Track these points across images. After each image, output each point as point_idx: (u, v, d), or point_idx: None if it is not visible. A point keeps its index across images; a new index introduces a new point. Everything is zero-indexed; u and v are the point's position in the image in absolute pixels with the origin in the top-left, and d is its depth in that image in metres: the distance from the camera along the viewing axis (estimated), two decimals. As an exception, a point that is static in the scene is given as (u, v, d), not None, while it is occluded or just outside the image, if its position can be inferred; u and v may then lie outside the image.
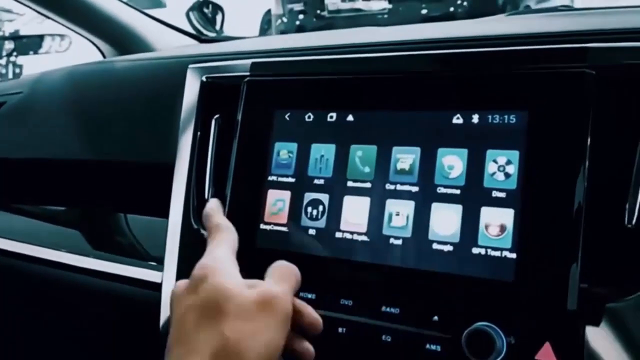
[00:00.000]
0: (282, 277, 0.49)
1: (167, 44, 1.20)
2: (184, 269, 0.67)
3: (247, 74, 0.67)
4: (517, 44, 0.55)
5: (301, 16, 3.67)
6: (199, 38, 1.27)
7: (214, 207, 0.57)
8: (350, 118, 0.59)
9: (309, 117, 0.61)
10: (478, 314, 0.50)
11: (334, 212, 0.57)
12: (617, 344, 0.46)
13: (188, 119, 0.73)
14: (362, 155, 0.57)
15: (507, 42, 0.56)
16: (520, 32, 0.58)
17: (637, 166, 0.47)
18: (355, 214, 0.56)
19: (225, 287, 0.45)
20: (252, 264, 0.60)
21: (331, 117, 0.59)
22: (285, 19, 3.76)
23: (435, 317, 0.52)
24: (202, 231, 0.67)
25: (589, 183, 0.48)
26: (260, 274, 0.60)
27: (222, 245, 0.51)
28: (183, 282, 0.48)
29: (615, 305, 0.47)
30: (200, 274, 0.47)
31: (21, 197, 1.04)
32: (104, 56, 1.20)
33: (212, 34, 1.40)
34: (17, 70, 4.68)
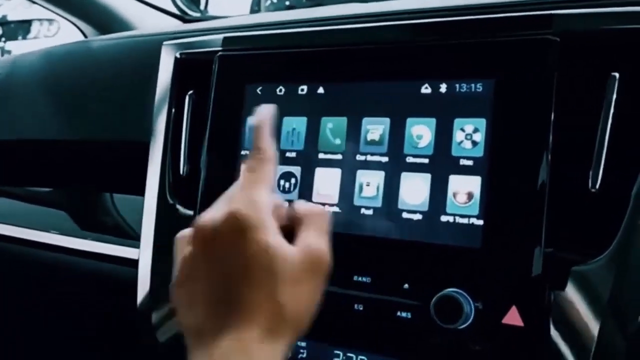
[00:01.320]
0: (320, 227, 0.42)
1: (150, 24, 1.19)
2: (160, 245, 0.68)
3: (220, 48, 0.66)
4: (483, 12, 0.55)
5: (290, -4, 3.64)
6: (183, 18, 1.26)
7: (265, 121, 0.45)
8: (320, 90, 0.59)
9: (280, 90, 0.61)
10: (447, 281, 0.50)
11: (306, 184, 0.57)
12: (581, 307, 0.47)
13: (163, 96, 0.73)
14: (332, 127, 0.57)
15: (473, 11, 0.56)
16: (486, 1, 0.58)
17: (600, 131, 0.48)
18: (326, 186, 0.57)
19: (271, 245, 0.38)
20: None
21: (302, 90, 0.59)
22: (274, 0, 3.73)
23: (406, 285, 0.53)
24: (178, 206, 0.68)
25: (554, 150, 0.48)
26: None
27: (263, 186, 0.41)
28: (207, 228, 0.39)
29: (579, 268, 0.47)
30: (239, 225, 0.38)
31: (3, 179, 1.04)
32: (85, 37, 1.19)
33: (196, 14, 1.39)
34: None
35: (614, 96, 0.47)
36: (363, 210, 0.55)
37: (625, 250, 0.46)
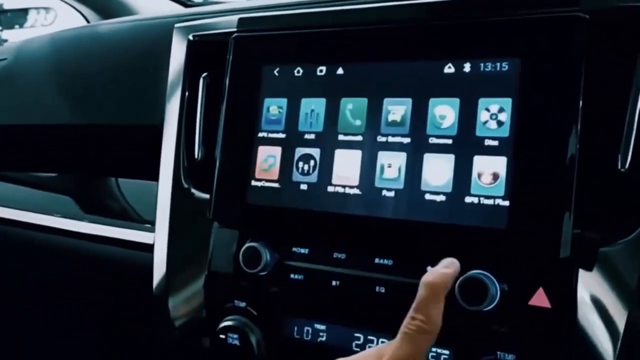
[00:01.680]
0: None
1: (152, 9, 1.18)
2: (176, 230, 0.67)
3: (235, 30, 0.65)
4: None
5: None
6: (185, 3, 1.25)
7: (446, 280, 0.43)
8: (340, 71, 0.58)
9: (298, 71, 0.60)
10: (472, 263, 0.50)
11: (326, 167, 0.57)
12: (608, 288, 0.46)
13: (176, 79, 0.72)
14: (352, 108, 0.56)
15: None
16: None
17: (630, 110, 0.47)
18: (346, 168, 0.56)
19: None
20: (243, 220, 0.61)
21: (321, 70, 0.59)
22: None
23: (429, 267, 0.52)
24: (193, 190, 0.67)
25: (582, 129, 0.47)
26: (251, 230, 0.60)
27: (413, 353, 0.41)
28: None
29: (607, 249, 0.47)
30: None
31: (10, 164, 1.03)
32: (87, 22, 1.18)
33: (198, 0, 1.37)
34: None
35: (644, 74, 0.47)
36: (384, 192, 0.54)
37: (654, 231, 0.45)
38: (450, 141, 0.52)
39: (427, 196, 0.52)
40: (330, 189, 0.56)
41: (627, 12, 0.48)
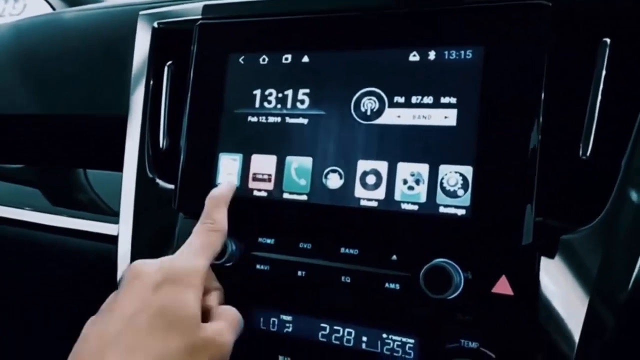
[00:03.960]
0: (231, 322, 0.49)
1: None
2: (140, 221, 0.66)
3: (199, 17, 0.64)
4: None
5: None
6: (154, -8, 1.22)
7: (224, 194, 0.55)
8: (305, 59, 0.57)
9: (264, 59, 0.59)
10: (436, 251, 0.50)
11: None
12: (570, 275, 0.47)
13: (140, 68, 0.71)
14: (311, 92, 0.56)
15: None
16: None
17: (591, 98, 0.47)
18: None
19: (188, 312, 0.45)
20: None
21: (286, 59, 0.58)
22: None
23: (394, 257, 0.52)
24: (158, 181, 0.66)
25: (545, 117, 0.47)
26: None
27: (207, 254, 0.51)
28: (149, 267, 0.48)
29: (569, 237, 0.47)
30: (171, 278, 0.46)
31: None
32: (53, 9, 1.15)
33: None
34: (-31, 35, 4.48)
35: (605, 62, 0.47)
36: (350, 182, 0.53)
37: (614, 219, 0.46)
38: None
39: (392, 185, 0.52)
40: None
41: (590, 1, 0.49)
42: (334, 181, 0.54)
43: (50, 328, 0.87)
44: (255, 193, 0.57)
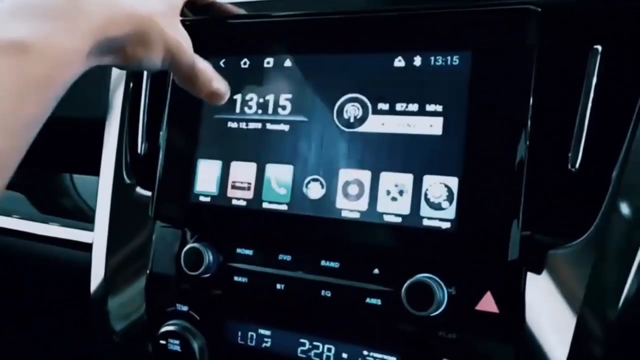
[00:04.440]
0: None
1: None
2: (116, 228, 0.64)
3: (180, 19, 0.62)
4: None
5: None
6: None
7: None
8: (287, 63, 0.55)
9: (245, 63, 0.57)
10: (419, 265, 0.48)
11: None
12: (558, 292, 0.45)
13: (120, 71, 0.69)
14: (294, 98, 0.54)
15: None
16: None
17: (581, 108, 0.45)
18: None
19: None
20: (186, 219, 0.58)
21: (268, 62, 0.56)
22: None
23: (376, 270, 0.50)
24: (135, 187, 0.63)
25: (534, 127, 0.45)
26: (194, 230, 0.57)
27: None
28: None
29: (556, 252, 0.45)
30: None
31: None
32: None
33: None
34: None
35: (596, 70, 0.45)
36: (331, 191, 0.51)
37: (604, 234, 0.44)
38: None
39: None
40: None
41: (580, 6, 0.47)
42: (315, 191, 0.51)
43: (25, 335, 0.85)
44: (234, 202, 0.54)
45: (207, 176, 0.56)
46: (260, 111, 0.55)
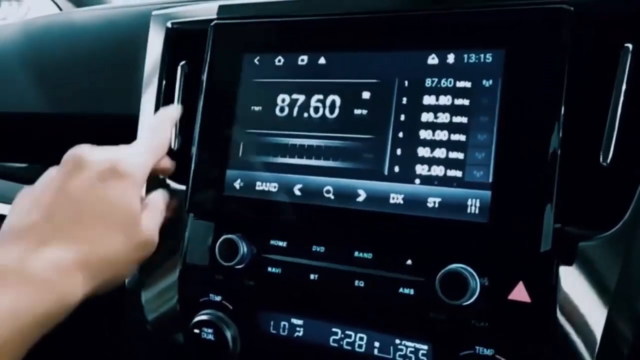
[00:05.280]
0: (156, 215, 0.56)
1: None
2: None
3: (215, 17, 0.64)
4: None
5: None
6: (158, -6, 1.22)
7: (171, 113, 0.61)
8: (322, 61, 0.56)
9: (279, 60, 0.58)
10: (452, 256, 0.49)
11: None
12: (589, 283, 0.46)
13: (153, 68, 0.70)
14: (329, 102, 0.55)
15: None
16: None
17: (613, 104, 0.47)
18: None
19: (132, 209, 0.51)
20: (220, 212, 0.59)
21: (302, 60, 0.57)
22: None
23: (409, 261, 0.51)
24: (168, 181, 0.65)
25: (566, 122, 0.47)
26: (229, 222, 0.59)
27: (153, 156, 0.56)
28: (96, 156, 0.52)
29: (587, 244, 0.46)
30: (119, 171, 0.51)
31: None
32: (60, 10, 1.15)
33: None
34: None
35: (627, 68, 0.46)
36: (365, 185, 0.53)
37: (635, 227, 0.45)
38: (431, 133, 0.51)
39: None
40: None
41: (611, 5, 0.48)
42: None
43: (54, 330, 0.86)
44: (266, 197, 0.56)
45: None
46: (294, 113, 0.56)
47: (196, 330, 0.58)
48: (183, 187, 0.63)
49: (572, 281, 0.46)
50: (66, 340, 0.86)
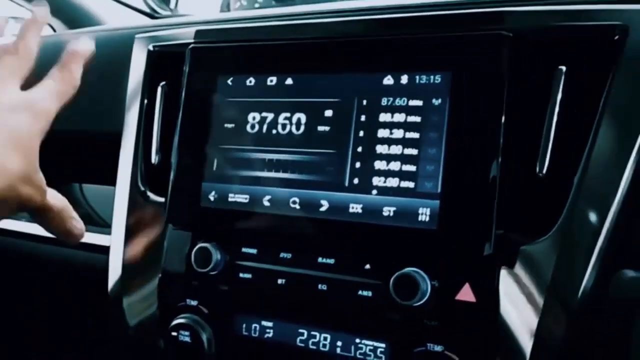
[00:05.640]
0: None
1: (119, 21, 1.20)
2: (132, 232, 0.69)
3: (192, 41, 0.68)
4: (441, 9, 0.58)
5: (261, -1, 3.65)
6: (152, 16, 1.27)
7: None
8: (289, 82, 0.61)
9: (250, 81, 0.63)
10: (405, 261, 0.53)
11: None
12: (528, 283, 0.50)
13: (135, 87, 0.75)
14: (296, 118, 0.60)
15: (433, 8, 0.59)
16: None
17: (547, 121, 0.51)
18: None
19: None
20: (196, 222, 0.63)
21: (271, 81, 0.62)
22: (244, 2, 3.74)
23: (367, 266, 0.55)
24: (149, 194, 0.69)
25: (506, 137, 0.51)
26: (204, 231, 0.63)
27: (61, 99, 0.52)
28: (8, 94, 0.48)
29: (527, 248, 0.51)
30: (28, 106, 0.47)
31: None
32: (54, 31, 1.19)
33: (166, 13, 1.40)
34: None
35: (561, 88, 0.51)
36: (328, 196, 0.57)
37: (567, 231, 0.50)
38: (387, 148, 0.55)
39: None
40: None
41: (548, 31, 0.53)
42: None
43: (38, 337, 0.90)
44: (239, 207, 0.60)
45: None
46: (263, 129, 0.61)
47: (174, 333, 0.62)
48: (162, 199, 0.67)
49: (513, 282, 0.51)
50: (52, 344, 0.90)
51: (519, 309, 0.50)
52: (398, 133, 0.55)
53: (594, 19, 0.52)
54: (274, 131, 0.60)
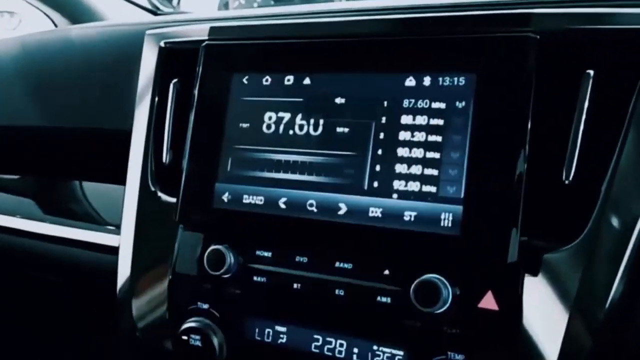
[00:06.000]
0: None
1: (121, 16, 1.19)
2: (141, 232, 0.68)
3: (206, 38, 0.67)
4: (467, 9, 0.57)
5: (260, -1, 3.64)
6: (155, 13, 1.26)
7: None
8: (307, 81, 0.60)
9: (267, 80, 0.62)
10: (426, 267, 0.52)
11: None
12: (552, 292, 0.49)
13: (146, 85, 0.74)
14: (313, 121, 0.59)
15: (458, 8, 0.58)
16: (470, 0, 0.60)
17: (574, 126, 0.50)
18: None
19: None
20: (209, 223, 0.62)
21: (288, 80, 0.61)
22: (243, 1, 3.72)
23: (386, 271, 0.54)
24: (160, 194, 0.68)
25: (532, 142, 0.50)
26: (217, 233, 0.62)
27: None
28: None
29: (551, 256, 0.50)
30: None
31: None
32: (55, 26, 1.18)
33: (168, 10, 1.38)
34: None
35: (588, 92, 0.50)
36: (346, 199, 0.56)
37: (594, 240, 0.49)
38: (408, 151, 0.54)
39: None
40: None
41: (574, 34, 0.52)
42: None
43: (45, 337, 0.88)
44: (255, 209, 0.59)
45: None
46: (280, 130, 0.60)
47: (184, 337, 0.61)
48: (173, 200, 0.66)
49: (536, 290, 0.50)
50: (59, 345, 0.89)
51: (543, 319, 0.49)
52: (420, 136, 0.54)
53: (622, 23, 0.51)
54: (291, 132, 0.59)
